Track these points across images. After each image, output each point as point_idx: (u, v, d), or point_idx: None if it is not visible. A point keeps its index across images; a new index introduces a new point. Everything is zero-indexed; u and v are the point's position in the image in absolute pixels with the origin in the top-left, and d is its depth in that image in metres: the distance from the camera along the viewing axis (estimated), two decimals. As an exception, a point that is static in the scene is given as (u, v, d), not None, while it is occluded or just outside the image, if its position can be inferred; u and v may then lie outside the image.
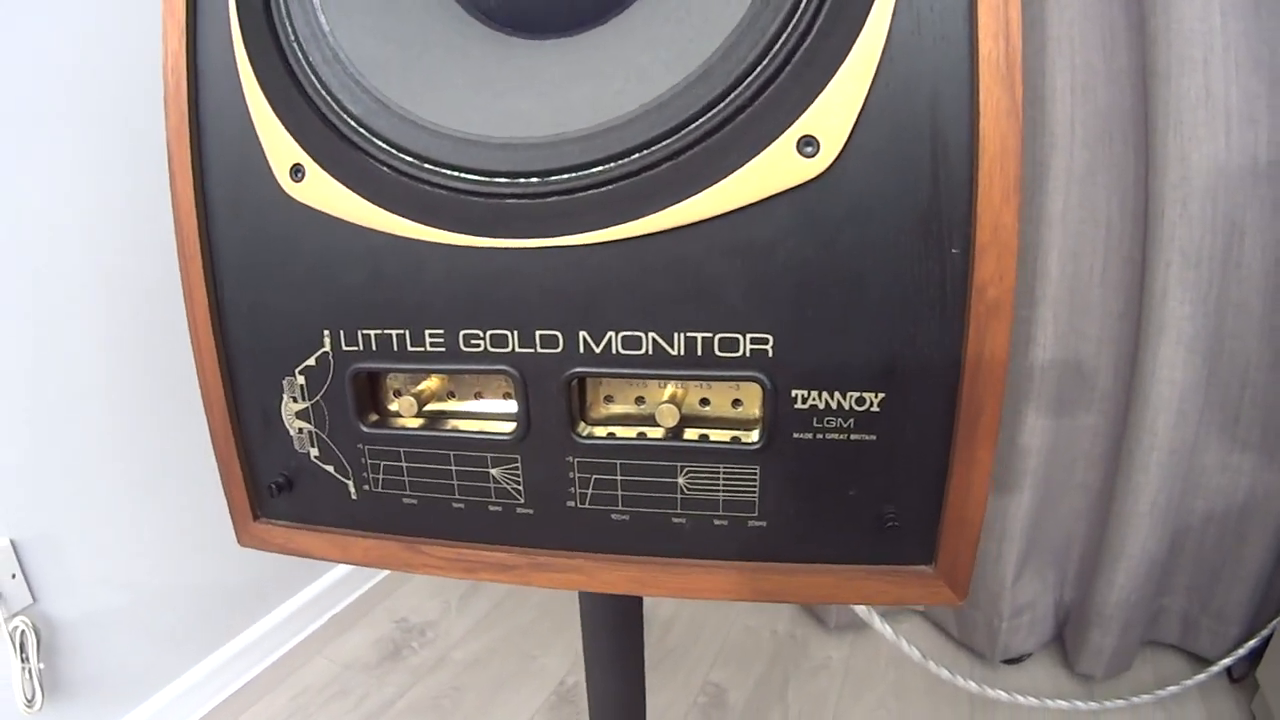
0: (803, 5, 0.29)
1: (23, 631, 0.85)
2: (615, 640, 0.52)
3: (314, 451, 0.41)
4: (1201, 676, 0.93)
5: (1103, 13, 0.84)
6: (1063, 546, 1.03)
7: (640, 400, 0.37)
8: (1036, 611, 1.04)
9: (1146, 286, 0.85)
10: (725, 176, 0.30)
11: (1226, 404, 0.90)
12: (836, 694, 1.08)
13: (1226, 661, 0.93)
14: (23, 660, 0.85)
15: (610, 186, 0.31)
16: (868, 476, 0.34)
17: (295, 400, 0.40)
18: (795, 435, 0.34)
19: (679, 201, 0.31)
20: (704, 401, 0.37)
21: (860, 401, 0.33)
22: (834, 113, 0.30)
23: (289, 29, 0.34)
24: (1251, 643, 0.92)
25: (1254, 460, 0.91)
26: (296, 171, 0.35)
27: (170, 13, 0.37)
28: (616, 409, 0.38)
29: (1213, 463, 0.92)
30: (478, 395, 0.40)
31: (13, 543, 0.84)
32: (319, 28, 0.34)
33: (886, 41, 0.29)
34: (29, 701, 0.85)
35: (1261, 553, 0.94)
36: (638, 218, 0.31)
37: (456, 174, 0.33)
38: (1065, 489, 1.00)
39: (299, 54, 0.34)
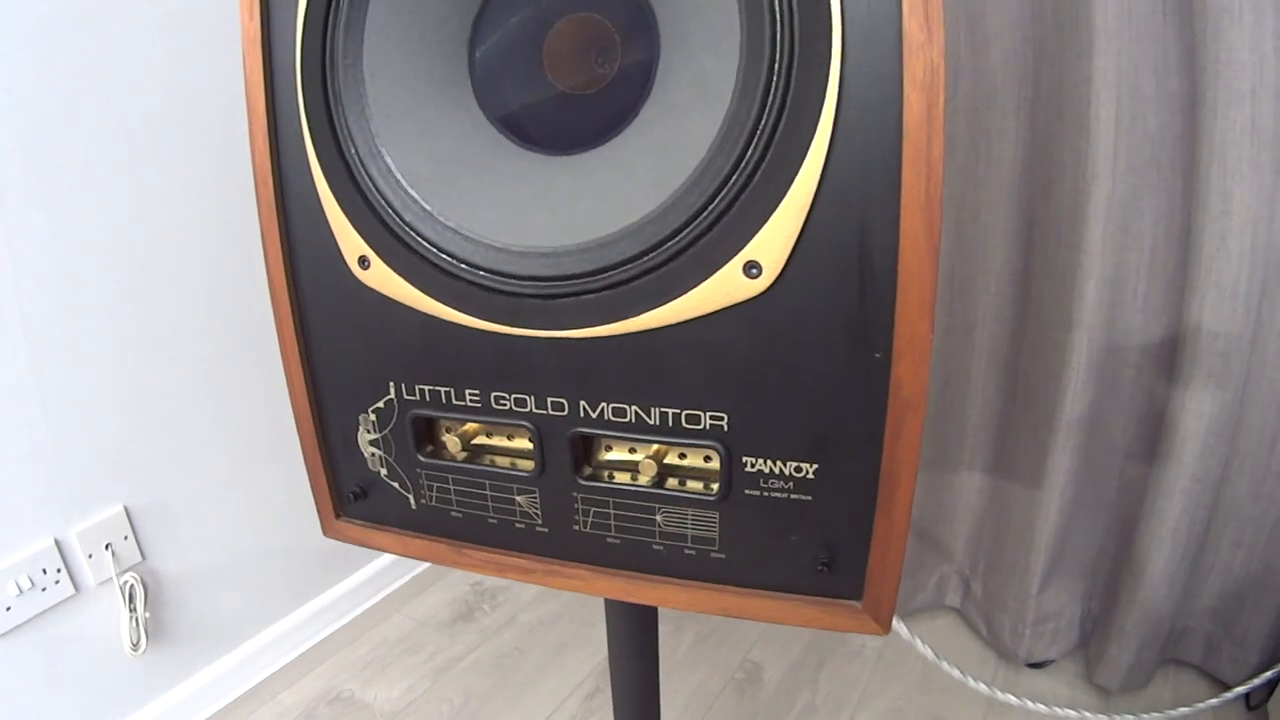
0: (750, 151, 0.36)
1: (132, 585, 1.00)
2: (633, 638, 0.61)
3: (383, 471, 0.51)
4: (1214, 701, 0.94)
5: (1156, 36, 0.84)
6: (1093, 560, 1.06)
7: (633, 449, 0.46)
8: (1061, 620, 1.08)
9: (1182, 318, 0.87)
10: (686, 291, 0.38)
11: (1263, 435, 0.90)
12: (865, 682, 1.15)
13: (1242, 689, 0.94)
14: (131, 610, 1.00)
15: (600, 293, 0.40)
16: (806, 527, 0.42)
17: (369, 431, 0.50)
18: (746, 491, 0.42)
19: (652, 309, 0.39)
20: (682, 455, 0.45)
21: (798, 470, 0.41)
22: (774, 242, 0.37)
23: (352, 147, 0.43)
24: (1269, 673, 0.93)
25: (1290, 491, 0.91)
26: (363, 261, 0.45)
27: (255, 116, 0.46)
28: (613, 455, 0.46)
29: (1245, 493, 0.93)
30: (509, 437, 0.49)
31: (126, 509, 0.99)
32: (375, 148, 0.43)
33: (820, 180, 0.35)
34: (134, 646, 1.01)
35: (1292, 581, 0.94)
36: (621, 319, 0.40)
37: (485, 273, 0.42)
38: (1096, 506, 1.02)
39: (361, 167, 0.43)
